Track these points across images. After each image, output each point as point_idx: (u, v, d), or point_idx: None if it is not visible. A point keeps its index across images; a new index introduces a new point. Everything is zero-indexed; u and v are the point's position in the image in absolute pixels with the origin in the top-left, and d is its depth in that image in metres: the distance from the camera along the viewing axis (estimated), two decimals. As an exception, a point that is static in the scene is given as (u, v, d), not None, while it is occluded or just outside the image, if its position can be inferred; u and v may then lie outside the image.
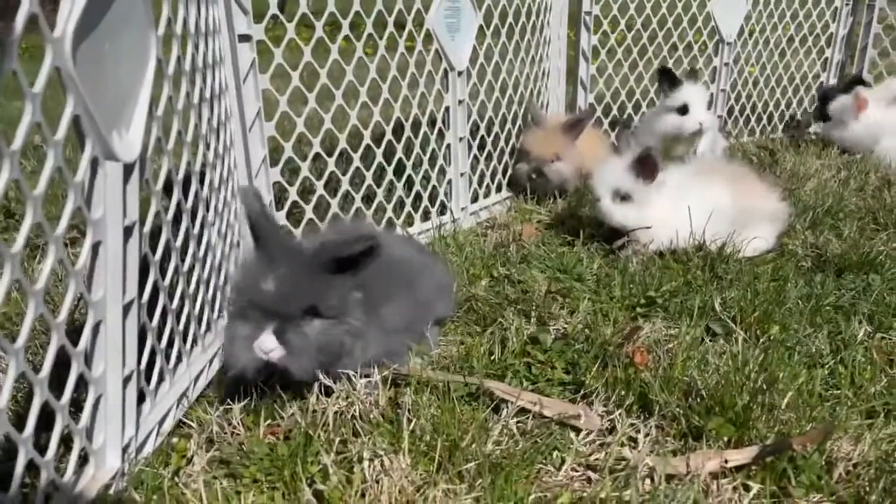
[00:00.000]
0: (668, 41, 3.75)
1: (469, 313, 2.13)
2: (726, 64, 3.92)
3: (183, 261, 1.64)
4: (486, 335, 1.97)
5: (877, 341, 1.93)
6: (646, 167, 2.49)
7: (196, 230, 1.70)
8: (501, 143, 3.17)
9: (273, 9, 2.15)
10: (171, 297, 1.60)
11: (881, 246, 2.52)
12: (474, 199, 3.08)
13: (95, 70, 1.18)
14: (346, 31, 2.38)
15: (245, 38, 2.10)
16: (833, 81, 4.32)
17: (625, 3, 3.57)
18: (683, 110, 3.42)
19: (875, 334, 1.95)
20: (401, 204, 2.72)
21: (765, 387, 1.52)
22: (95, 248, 1.27)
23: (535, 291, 2.19)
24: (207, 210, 1.78)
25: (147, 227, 1.43)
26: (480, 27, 2.86)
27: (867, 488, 1.33)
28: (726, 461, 1.38)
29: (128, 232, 1.33)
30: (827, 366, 1.77)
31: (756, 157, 3.72)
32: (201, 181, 1.73)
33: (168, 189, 1.52)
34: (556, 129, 3.14)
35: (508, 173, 3.26)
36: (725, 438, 1.47)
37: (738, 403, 1.49)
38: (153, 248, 1.49)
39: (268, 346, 1.53)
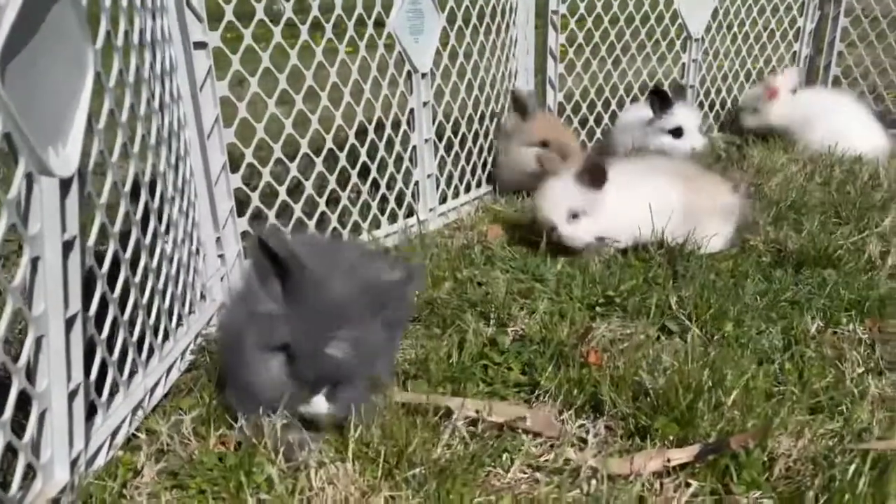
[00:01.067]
0: (636, 38, 3.76)
1: (431, 316, 2.14)
2: (694, 60, 3.95)
3: (134, 272, 1.64)
4: (446, 338, 1.99)
5: (829, 336, 1.96)
6: (594, 175, 2.43)
7: (148, 240, 1.70)
8: (469, 143, 3.18)
9: (228, 16, 2.15)
10: (122, 308, 1.60)
11: (840, 240, 2.55)
12: (443, 200, 3.09)
13: (28, 86, 1.18)
14: (304, 35, 2.38)
15: (201, 45, 2.10)
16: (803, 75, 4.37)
17: (592, 2, 3.58)
18: (678, 133, 3.42)
19: (827, 329, 1.98)
20: (367, 206, 2.73)
21: (710, 385, 1.55)
22: (34, 263, 1.27)
23: (495, 293, 2.21)
24: (160, 219, 1.78)
25: (91, 240, 1.44)
26: (444, 28, 2.86)
27: (807, 484, 1.36)
28: (669, 460, 1.40)
29: (68, 246, 1.33)
30: (777, 362, 1.80)
31: (725, 151, 3.75)
32: (152, 191, 1.73)
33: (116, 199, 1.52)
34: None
35: (488, 169, 3.29)
36: (671, 437, 1.49)
37: (683, 402, 1.51)
38: (101, 260, 1.50)
39: (321, 409, 1.46)
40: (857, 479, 1.28)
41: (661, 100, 3.45)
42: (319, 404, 1.44)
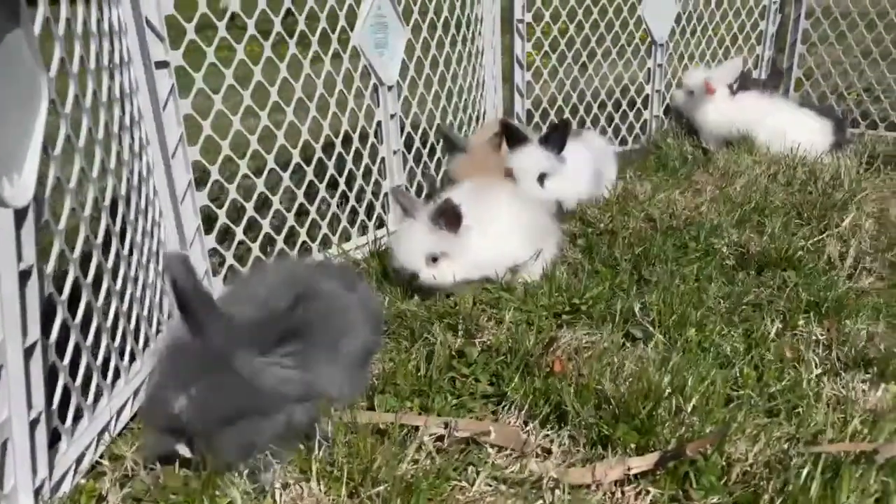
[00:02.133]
0: (601, 45, 3.81)
1: (400, 328, 2.15)
2: (659, 65, 4.01)
3: (97, 295, 1.64)
4: (415, 351, 2.00)
5: (788, 338, 2.00)
6: (449, 218, 2.27)
7: (111, 263, 1.70)
8: (438, 153, 3.20)
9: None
10: (85, 332, 1.60)
11: (801, 241, 2.61)
12: (413, 210, 3.11)
13: (-22, 117, 1.18)
14: (268, 51, 2.38)
15: (162, 64, 2.10)
16: (763, 77, 4.45)
17: (557, 11, 3.63)
18: (541, 180, 2.86)
19: (786, 331, 2.03)
20: (337, 219, 2.73)
21: (668, 392, 1.58)
22: (-10, 294, 1.26)
23: (463, 304, 2.23)
24: (123, 241, 1.78)
25: (50, 267, 1.43)
26: (410, 40, 2.88)
27: (763, 488, 1.39)
28: (629, 469, 1.43)
29: (24, 275, 1.33)
30: (737, 366, 1.84)
31: (691, 155, 3.81)
32: (114, 213, 1.73)
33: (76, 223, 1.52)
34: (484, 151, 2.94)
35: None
36: (632, 445, 1.52)
37: (643, 410, 1.54)
38: (63, 284, 1.49)
39: (186, 455, 1.48)
40: (809, 482, 1.32)
41: (513, 137, 2.91)
42: (183, 451, 1.48)
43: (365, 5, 2.66)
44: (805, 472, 1.33)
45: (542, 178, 2.85)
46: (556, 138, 2.88)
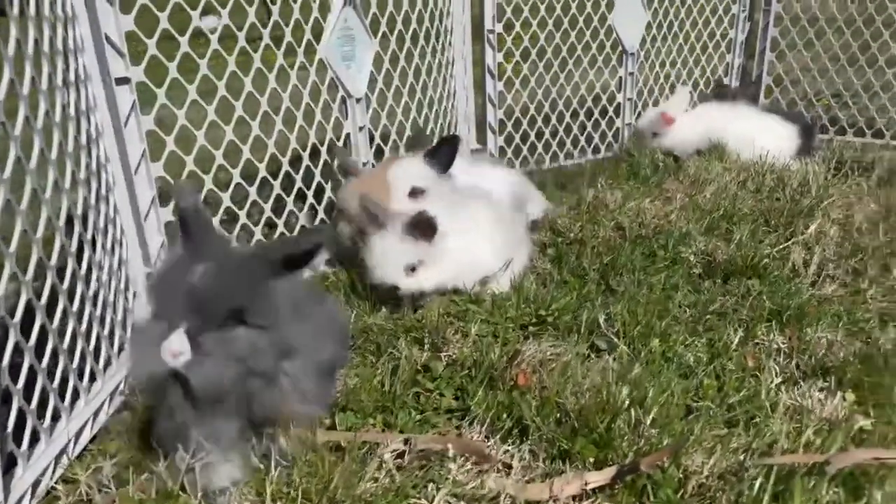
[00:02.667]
0: (572, 54, 3.84)
1: (366, 343, 2.15)
2: (631, 74, 4.04)
3: (51, 317, 1.62)
4: (380, 365, 2.00)
5: (750, 347, 2.02)
6: (424, 229, 2.28)
7: (66, 284, 1.68)
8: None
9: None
10: (40, 355, 1.58)
11: (767, 248, 2.63)
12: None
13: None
14: (232, 66, 2.38)
15: (123, 80, 2.09)
16: (735, 84, 4.50)
17: (527, 20, 3.65)
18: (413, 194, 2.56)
19: (748, 340, 2.05)
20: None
21: (627, 404, 1.59)
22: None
23: (430, 317, 2.23)
24: (80, 262, 1.76)
25: (1, 290, 1.42)
26: (378, 53, 2.88)
27: (718, 499, 1.40)
28: (587, 483, 1.43)
29: (-29, 301, 1.31)
30: (698, 376, 1.85)
31: (662, 163, 3.84)
32: (70, 233, 1.71)
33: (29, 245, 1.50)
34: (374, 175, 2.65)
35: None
36: (591, 459, 1.53)
37: (601, 424, 1.54)
38: (12, 311, 1.48)
39: (176, 347, 1.34)
40: (762, 494, 1.33)
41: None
42: (175, 341, 1.35)
43: (331, 18, 2.66)
44: (758, 483, 1.34)
45: (414, 194, 2.55)
46: (443, 153, 2.61)
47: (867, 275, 2.43)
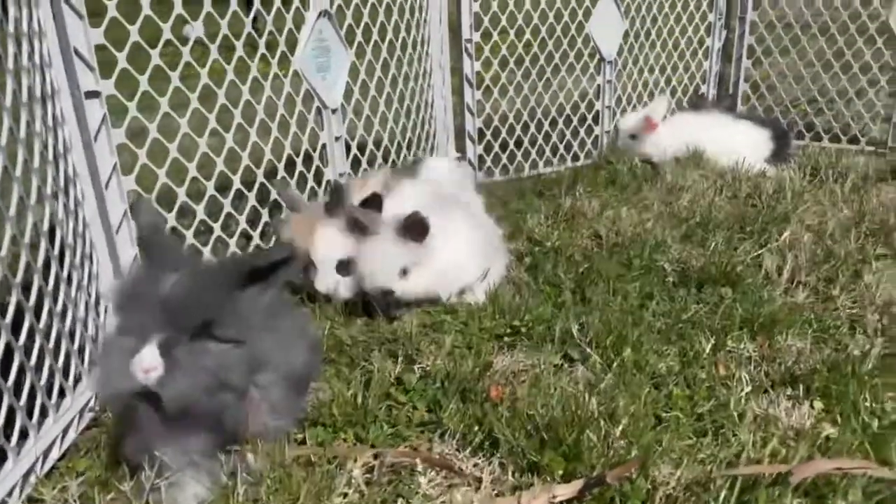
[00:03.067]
0: (550, 62, 3.86)
1: (340, 356, 2.14)
2: (609, 81, 4.07)
3: (17, 335, 1.61)
4: (353, 379, 1.99)
5: (722, 355, 2.04)
6: (416, 230, 2.29)
7: (32, 301, 1.67)
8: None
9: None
10: (6, 373, 1.56)
11: (741, 256, 2.66)
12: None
13: None
14: (205, 78, 2.37)
15: (93, 94, 2.07)
16: (713, 92, 4.54)
17: (505, 29, 3.66)
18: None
19: (720, 348, 2.06)
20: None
21: (597, 416, 1.59)
22: None
23: (405, 328, 2.23)
24: (46, 278, 1.75)
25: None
26: (354, 63, 2.89)
27: (684, 510, 1.41)
28: (555, 496, 1.43)
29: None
30: (669, 386, 1.86)
31: (640, 170, 3.86)
32: (34, 250, 1.70)
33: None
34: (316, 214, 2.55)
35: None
36: (560, 472, 1.53)
37: (570, 436, 1.55)
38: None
39: (148, 362, 1.34)
40: (726, 504, 1.34)
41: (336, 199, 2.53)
42: (147, 355, 1.35)
43: (305, 29, 2.66)
44: (722, 495, 1.35)
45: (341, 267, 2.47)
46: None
47: (839, 281, 2.45)
